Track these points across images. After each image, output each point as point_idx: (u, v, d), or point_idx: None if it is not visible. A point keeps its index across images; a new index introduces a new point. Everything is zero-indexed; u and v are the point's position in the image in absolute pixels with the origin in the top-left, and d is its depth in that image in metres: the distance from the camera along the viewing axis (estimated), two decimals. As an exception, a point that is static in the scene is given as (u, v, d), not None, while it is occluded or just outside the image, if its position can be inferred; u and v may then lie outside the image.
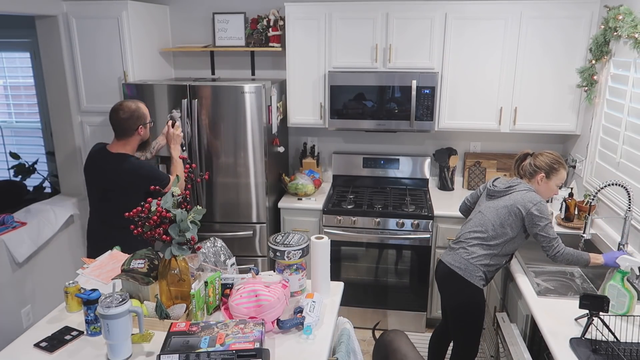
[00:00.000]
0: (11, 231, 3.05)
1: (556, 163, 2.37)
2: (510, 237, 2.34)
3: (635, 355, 1.74)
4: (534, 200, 2.30)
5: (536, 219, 2.28)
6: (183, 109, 3.12)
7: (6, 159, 5.26)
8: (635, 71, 2.58)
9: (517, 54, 3.19)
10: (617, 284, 2.00)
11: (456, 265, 2.41)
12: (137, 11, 3.38)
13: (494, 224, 2.36)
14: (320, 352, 1.74)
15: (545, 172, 2.37)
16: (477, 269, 2.37)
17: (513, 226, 2.33)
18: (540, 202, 2.30)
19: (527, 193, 2.34)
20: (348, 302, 3.45)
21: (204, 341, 1.60)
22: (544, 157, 2.40)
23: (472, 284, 2.37)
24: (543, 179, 2.37)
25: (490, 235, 2.36)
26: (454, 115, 3.36)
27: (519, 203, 2.31)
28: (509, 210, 2.33)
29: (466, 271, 2.38)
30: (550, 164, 2.37)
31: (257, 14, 3.66)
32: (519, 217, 2.31)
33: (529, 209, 2.28)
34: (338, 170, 3.85)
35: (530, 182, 2.42)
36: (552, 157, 2.39)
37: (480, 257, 2.36)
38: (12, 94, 5.11)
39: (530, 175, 2.42)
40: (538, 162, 2.39)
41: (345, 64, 3.36)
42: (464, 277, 2.38)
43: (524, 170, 2.45)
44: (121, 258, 2.33)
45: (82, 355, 1.72)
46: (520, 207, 2.30)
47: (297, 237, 2.14)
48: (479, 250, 2.37)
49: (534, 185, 2.41)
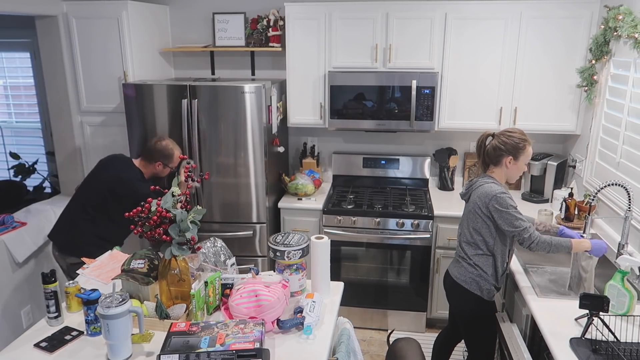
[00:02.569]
0: (11, 231, 3.05)
1: (521, 142, 2.23)
2: (493, 237, 2.25)
3: (635, 355, 1.74)
4: (489, 194, 2.19)
5: (499, 212, 2.17)
6: (183, 109, 3.12)
7: (6, 159, 5.26)
8: (635, 71, 2.58)
9: (517, 53, 3.19)
10: (617, 284, 2.00)
11: (462, 280, 2.33)
12: (137, 11, 3.38)
13: (471, 231, 2.29)
14: (320, 352, 1.74)
15: (513, 154, 2.24)
16: (486, 282, 2.29)
17: (486, 226, 2.24)
18: (497, 194, 2.18)
19: (483, 187, 2.23)
20: (348, 302, 3.45)
21: (204, 341, 1.60)
22: (508, 138, 2.24)
23: (480, 297, 2.31)
24: (511, 162, 2.25)
25: (477, 241, 2.27)
26: (454, 115, 3.36)
27: (478, 202, 2.23)
28: (474, 213, 2.26)
29: (472, 285, 2.31)
30: (516, 144, 2.23)
31: (257, 14, 3.66)
32: (486, 216, 2.22)
33: (488, 204, 2.19)
34: (338, 170, 3.85)
35: (495, 167, 2.30)
36: (517, 136, 2.24)
37: (485, 267, 2.28)
38: (12, 94, 5.11)
39: (496, 160, 2.28)
40: (503, 146, 2.25)
41: (345, 64, 3.36)
42: (471, 290, 2.31)
43: (489, 156, 2.30)
44: (121, 258, 2.33)
45: (82, 355, 1.73)
46: (481, 206, 2.22)
47: (297, 237, 2.14)
48: (480, 260, 2.28)
49: (501, 170, 2.29)
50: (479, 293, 2.31)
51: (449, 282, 2.43)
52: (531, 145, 2.27)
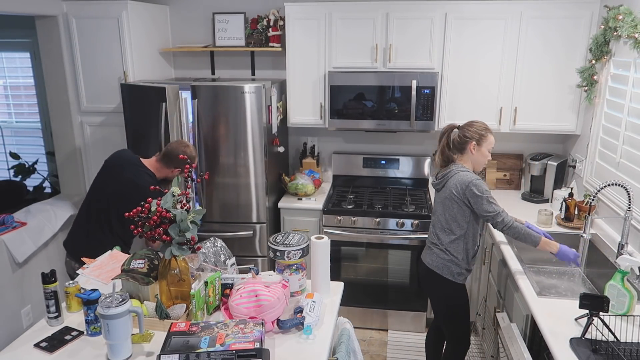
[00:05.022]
0: (11, 231, 3.05)
1: (483, 130, 2.42)
2: (467, 221, 2.39)
3: (635, 355, 1.74)
4: (465, 181, 2.34)
5: (477, 197, 2.32)
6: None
7: (6, 159, 5.26)
8: (635, 71, 2.58)
9: (517, 53, 3.19)
10: (617, 284, 2.00)
11: (435, 265, 2.48)
12: (137, 11, 3.38)
13: (447, 217, 2.43)
14: (320, 352, 1.74)
15: (476, 140, 2.41)
16: (457, 267, 2.45)
17: (462, 211, 2.38)
18: (473, 181, 2.33)
19: (458, 175, 2.38)
20: (348, 302, 3.45)
21: (204, 341, 1.60)
22: (470, 127, 2.44)
23: (452, 281, 2.46)
24: (475, 147, 2.41)
25: (452, 226, 2.42)
26: (454, 115, 3.36)
27: (454, 190, 2.37)
28: (451, 198, 2.39)
29: (444, 270, 2.45)
30: (479, 132, 2.41)
31: (257, 14, 3.66)
32: (462, 201, 2.36)
33: (466, 190, 2.34)
34: (338, 170, 3.85)
35: (462, 155, 2.46)
36: (479, 125, 2.43)
37: (456, 253, 2.43)
38: (12, 94, 5.11)
39: (461, 147, 2.44)
40: (467, 133, 2.42)
41: (345, 64, 3.36)
42: (443, 275, 2.46)
43: (454, 145, 2.47)
44: (121, 258, 2.33)
45: (82, 355, 1.72)
46: (457, 193, 2.36)
47: (297, 237, 2.14)
48: (452, 246, 2.43)
49: (467, 156, 2.44)
50: (451, 277, 2.45)
51: (422, 269, 2.58)
52: (492, 134, 2.45)
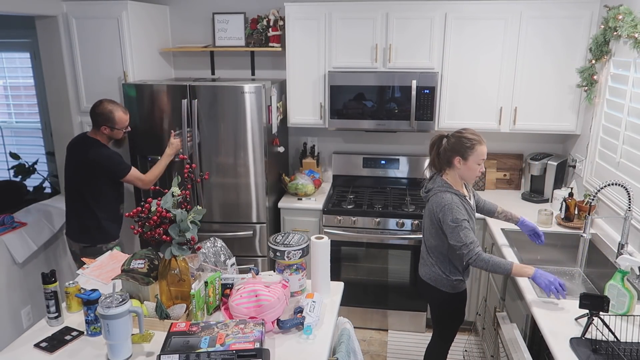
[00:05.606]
0: (11, 231, 3.05)
1: (467, 141, 2.19)
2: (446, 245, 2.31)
3: (635, 355, 1.74)
4: (440, 204, 2.21)
5: (446, 225, 2.19)
6: (183, 109, 3.12)
7: (6, 159, 5.26)
8: (635, 71, 2.58)
9: (517, 53, 3.19)
10: (617, 284, 2.00)
11: (429, 278, 2.43)
12: (137, 11, 3.38)
13: (432, 233, 2.34)
14: (320, 352, 1.74)
15: (461, 154, 2.21)
16: (449, 280, 2.38)
17: (439, 234, 2.30)
18: (445, 206, 2.19)
19: (436, 196, 2.26)
20: (348, 302, 3.45)
21: (204, 341, 1.60)
22: (454, 138, 2.23)
23: (449, 293, 2.41)
24: (460, 162, 2.23)
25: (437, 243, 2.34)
26: (454, 115, 3.36)
27: (433, 210, 2.27)
28: (431, 219, 2.32)
29: (438, 282, 2.40)
30: (463, 144, 2.20)
31: (257, 14, 3.66)
32: (438, 225, 2.27)
33: (438, 214, 2.23)
34: (338, 170, 3.85)
35: (450, 169, 2.29)
36: (466, 136, 2.21)
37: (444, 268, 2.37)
38: (12, 94, 5.11)
39: (448, 161, 2.27)
40: (452, 147, 2.23)
41: (345, 64, 3.36)
42: (440, 289, 2.40)
43: (441, 159, 2.30)
44: (121, 258, 2.33)
45: (82, 355, 1.73)
46: (435, 213, 2.26)
47: (297, 237, 2.14)
48: (439, 261, 2.37)
49: (454, 171, 2.28)
50: (448, 290, 2.40)
51: (420, 282, 2.53)
52: (483, 144, 2.22)
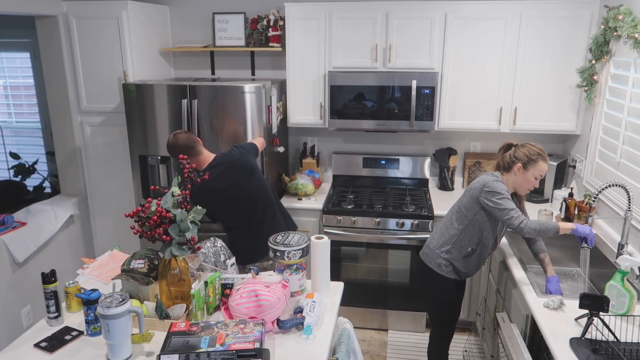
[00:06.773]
0: (11, 231, 3.05)
1: (535, 155, 2.32)
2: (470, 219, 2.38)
3: (635, 355, 1.74)
4: (484, 180, 2.34)
5: (489, 194, 2.29)
6: (183, 109, 3.12)
7: (6, 159, 5.26)
8: (635, 71, 2.58)
9: (517, 53, 3.19)
10: (617, 284, 2.00)
11: (423, 255, 2.55)
12: (137, 11, 3.38)
13: (454, 210, 2.47)
14: (320, 352, 1.74)
15: (523, 163, 2.33)
16: (439, 257, 2.47)
17: (468, 207, 2.39)
18: (490, 181, 2.32)
19: (484, 177, 2.38)
20: (348, 302, 3.45)
21: (204, 341, 1.60)
22: (524, 148, 2.36)
23: (440, 275, 2.47)
24: (520, 170, 2.34)
25: (454, 219, 2.45)
26: (454, 115, 3.36)
27: (474, 186, 2.38)
28: (467, 195, 2.42)
29: (430, 260, 2.50)
30: (529, 155, 2.33)
31: (257, 14, 3.66)
32: (474, 198, 2.36)
33: (482, 187, 2.33)
34: (338, 170, 3.85)
35: (507, 173, 2.39)
36: (533, 149, 2.35)
37: (443, 244, 2.46)
38: (12, 94, 5.12)
39: (508, 166, 2.38)
40: (517, 154, 2.36)
41: (345, 64, 3.36)
42: (428, 265, 2.50)
43: (504, 161, 2.41)
44: (121, 258, 2.33)
45: (82, 355, 1.73)
46: (476, 189, 2.36)
47: (297, 237, 2.14)
48: (440, 238, 2.48)
49: (510, 176, 2.39)
50: (436, 269, 2.48)
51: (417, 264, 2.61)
52: (547, 162, 2.34)
